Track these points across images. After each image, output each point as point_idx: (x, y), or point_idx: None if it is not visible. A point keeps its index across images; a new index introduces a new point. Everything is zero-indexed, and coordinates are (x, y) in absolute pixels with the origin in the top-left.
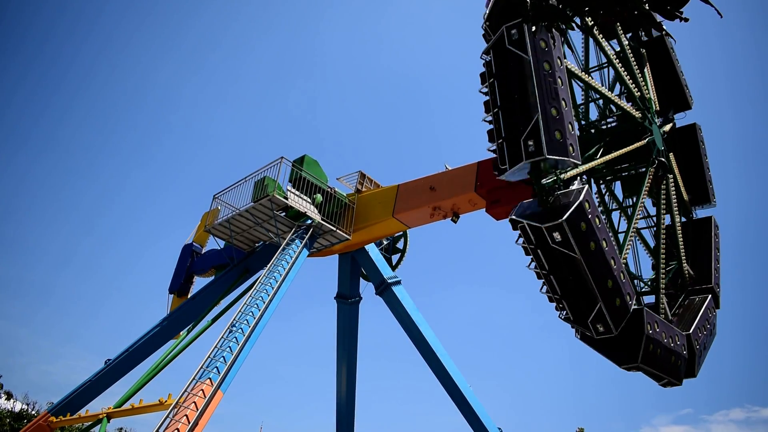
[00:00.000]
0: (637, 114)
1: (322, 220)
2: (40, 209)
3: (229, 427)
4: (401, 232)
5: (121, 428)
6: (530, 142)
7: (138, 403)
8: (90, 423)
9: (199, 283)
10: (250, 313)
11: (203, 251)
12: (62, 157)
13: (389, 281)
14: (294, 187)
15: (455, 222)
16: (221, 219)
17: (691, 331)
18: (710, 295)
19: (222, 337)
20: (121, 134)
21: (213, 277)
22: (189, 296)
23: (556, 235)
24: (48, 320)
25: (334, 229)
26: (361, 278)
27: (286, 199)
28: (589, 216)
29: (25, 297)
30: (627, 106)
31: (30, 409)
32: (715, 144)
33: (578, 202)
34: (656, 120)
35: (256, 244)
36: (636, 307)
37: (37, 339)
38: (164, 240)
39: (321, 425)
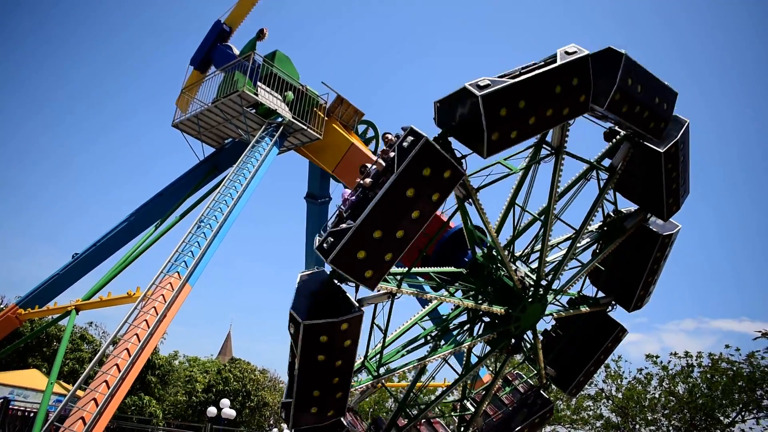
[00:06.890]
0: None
1: (293, 118)
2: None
3: (199, 323)
4: (371, 129)
5: (91, 322)
6: None
7: (106, 296)
8: (59, 315)
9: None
10: (219, 209)
11: (229, 40)
12: (31, 51)
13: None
14: (265, 84)
15: None
16: (189, 114)
17: None
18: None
19: (190, 231)
20: (101, 35)
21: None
22: (206, 77)
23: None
24: (13, 216)
25: (305, 127)
26: (331, 179)
27: (257, 95)
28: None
29: None
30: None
31: None
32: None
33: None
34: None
35: (225, 141)
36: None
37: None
38: (127, 133)
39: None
